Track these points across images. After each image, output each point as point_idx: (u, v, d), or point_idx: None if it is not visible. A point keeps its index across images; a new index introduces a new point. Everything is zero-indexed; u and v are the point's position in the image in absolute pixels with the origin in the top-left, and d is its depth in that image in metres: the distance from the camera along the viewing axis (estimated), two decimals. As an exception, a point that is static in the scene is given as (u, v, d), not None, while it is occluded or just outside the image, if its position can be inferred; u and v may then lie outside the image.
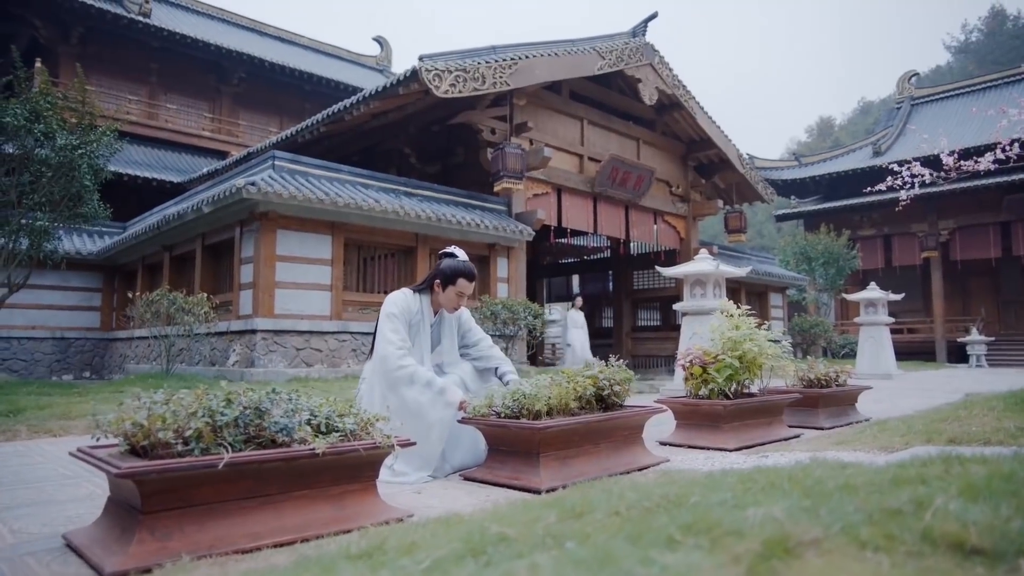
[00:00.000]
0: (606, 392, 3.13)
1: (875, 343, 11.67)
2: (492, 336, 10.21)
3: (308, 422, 2.13)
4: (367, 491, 2.22)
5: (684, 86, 14.44)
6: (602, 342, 18.46)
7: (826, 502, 1.21)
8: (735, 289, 17.05)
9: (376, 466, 2.25)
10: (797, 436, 4.11)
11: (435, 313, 3.36)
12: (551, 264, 20.81)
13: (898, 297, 12.50)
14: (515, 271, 11.89)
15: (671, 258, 14.72)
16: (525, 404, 2.83)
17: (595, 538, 1.20)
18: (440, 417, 3.00)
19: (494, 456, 2.95)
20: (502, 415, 2.87)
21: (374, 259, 10.61)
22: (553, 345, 29.73)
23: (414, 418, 2.98)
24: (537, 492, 2.57)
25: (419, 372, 3.04)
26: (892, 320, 12.09)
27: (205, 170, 16.31)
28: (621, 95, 14.30)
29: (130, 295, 9.98)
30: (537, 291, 20.31)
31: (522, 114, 12.12)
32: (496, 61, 10.79)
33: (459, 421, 3.00)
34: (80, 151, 7.96)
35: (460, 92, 10.31)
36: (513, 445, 2.85)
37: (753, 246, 38.12)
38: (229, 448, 1.88)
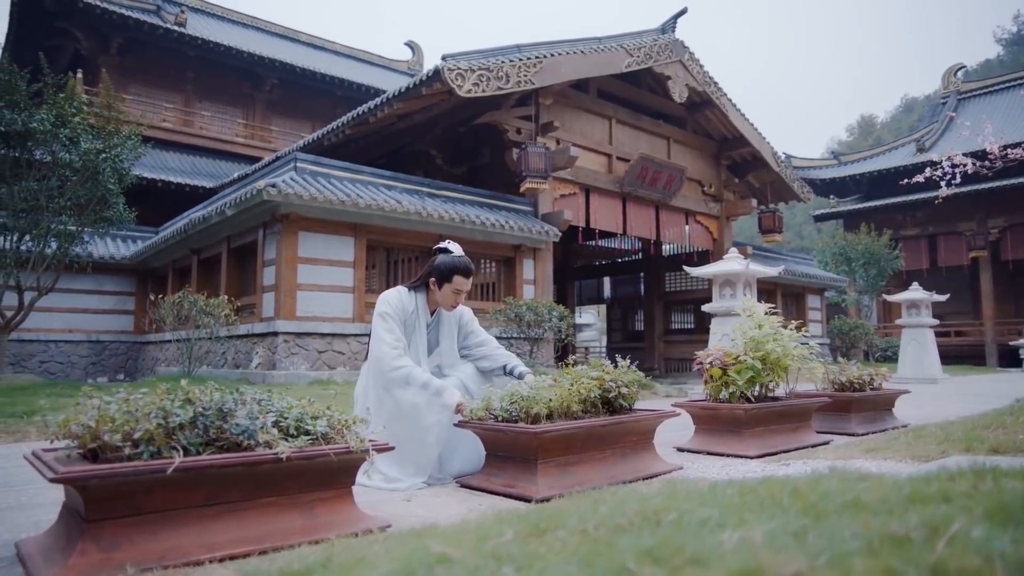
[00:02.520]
0: (613, 394, 2.94)
1: (918, 346, 11.16)
2: (517, 339, 10.13)
3: (276, 424, 1.99)
4: (341, 499, 2.07)
5: (715, 83, 14.09)
6: (634, 345, 18.16)
7: (822, 524, 1.01)
8: (770, 290, 16.58)
9: (351, 472, 2.10)
10: (826, 443, 3.84)
11: (432, 313, 3.19)
12: (582, 266, 20.56)
13: (943, 298, 11.93)
14: (541, 272, 11.69)
15: (704, 259, 14.33)
16: (524, 407, 2.65)
17: (543, 562, 1.02)
18: (437, 420, 2.84)
19: (491, 462, 2.78)
20: (499, 418, 2.70)
21: (397, 261, 10.52)
22: (586, 348, 29.40)
23: (409, 421, 2.83)
24: (530, 501, 2.39)
25: (415, 373, 2.89)
26: (936, 322, 11.54)
27: (236, 175, 16.51)
28: (651, 93, 14.00)
29: (153, 298, 10.07)
30: (568, 293, 20.08)
31: (548, 113, 11.93)
32: (520, 60, 10.62)
33: (455, 425, 2.84)
34: (103, 155, 8.05)
35: (484, 91, 10.18)
36: (510, 450, 2.67)
37: (792, 248, 37.20)
38: (182, 451, 1.75)
